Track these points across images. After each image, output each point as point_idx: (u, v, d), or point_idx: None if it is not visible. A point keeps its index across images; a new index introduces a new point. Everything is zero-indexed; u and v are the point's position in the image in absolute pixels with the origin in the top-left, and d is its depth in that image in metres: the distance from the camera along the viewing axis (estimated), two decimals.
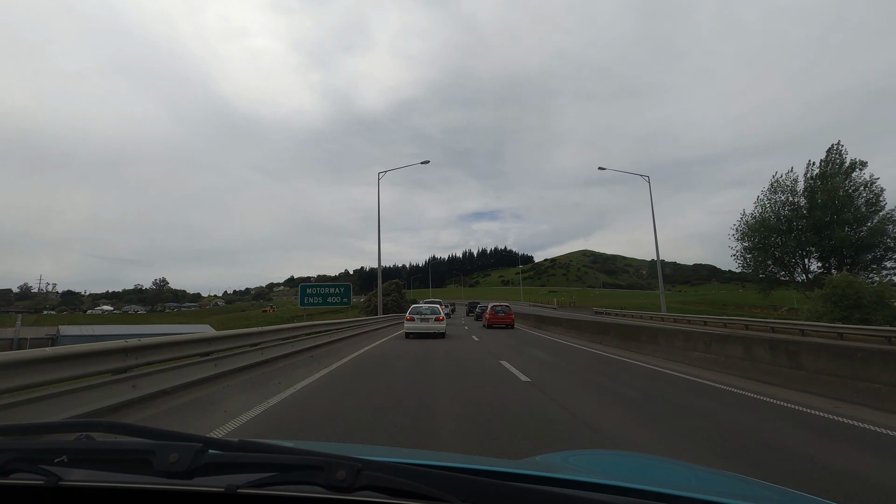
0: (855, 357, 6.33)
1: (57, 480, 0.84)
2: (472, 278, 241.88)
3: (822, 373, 6.76)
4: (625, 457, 2.23)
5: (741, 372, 8.26)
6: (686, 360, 10.00)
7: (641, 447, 4.12)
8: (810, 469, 3.57)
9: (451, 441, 4.21)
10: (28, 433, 0.99)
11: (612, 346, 13.87)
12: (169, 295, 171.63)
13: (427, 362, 9.98)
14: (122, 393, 5.16)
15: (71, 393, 4.50)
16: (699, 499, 0.98)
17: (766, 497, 1.31)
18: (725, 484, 1.49)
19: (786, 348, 7.63)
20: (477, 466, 1.14)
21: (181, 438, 0.86)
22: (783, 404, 6.00)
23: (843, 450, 4.15)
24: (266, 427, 4.73)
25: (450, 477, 0.78)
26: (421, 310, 18.54)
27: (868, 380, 6.04)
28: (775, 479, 3.22)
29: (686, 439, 4.40)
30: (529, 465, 1.32)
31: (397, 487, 0.77)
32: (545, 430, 4.59)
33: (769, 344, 8.08)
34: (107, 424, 0.91)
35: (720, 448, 4.08)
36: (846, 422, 5.12)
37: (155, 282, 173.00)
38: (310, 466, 0.80)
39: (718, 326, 26.34)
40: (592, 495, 0.87)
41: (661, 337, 11.74)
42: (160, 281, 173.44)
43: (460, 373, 8.46)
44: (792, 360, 7.38)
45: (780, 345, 7.84)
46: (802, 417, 5.36)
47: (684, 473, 1.63)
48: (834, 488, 3.20)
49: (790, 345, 7.72)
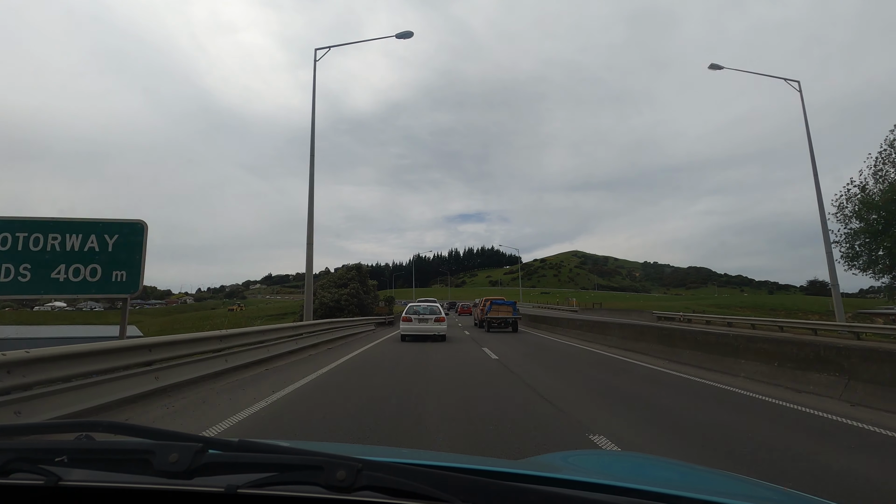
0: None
1: (57, 480, 0.83)
2: (459, 278, 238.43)
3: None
4: (624, 457, 2.23)
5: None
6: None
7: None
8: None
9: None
10: (28, 433, 0.99)
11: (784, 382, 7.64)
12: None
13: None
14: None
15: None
16: (699, 499, 0.98)
17: (766, 497, 1.31)
18: (725, 484, 1.49)
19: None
20: (477, 466, 1.14)
21: (181, 438, 0.86)
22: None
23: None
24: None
25: (450, 477, 0.78)
26: (419, 309, 16.87)
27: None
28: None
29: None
30: (529, 465, 1.32)
31: (397, 487, 0.77)
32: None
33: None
34: (107, 424, 0.91)
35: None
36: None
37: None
38: (310, 466, 0.80)
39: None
40: (592, 495, 0.87)
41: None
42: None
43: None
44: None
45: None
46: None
47: (684, 473, 1.63)
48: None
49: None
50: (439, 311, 16.72)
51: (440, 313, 16.57)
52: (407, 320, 16.41)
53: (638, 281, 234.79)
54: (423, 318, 16.34)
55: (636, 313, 42.21)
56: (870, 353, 6.68)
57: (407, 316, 16.53)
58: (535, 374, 8.91)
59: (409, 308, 17.27)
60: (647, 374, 9.21)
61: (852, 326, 21.95)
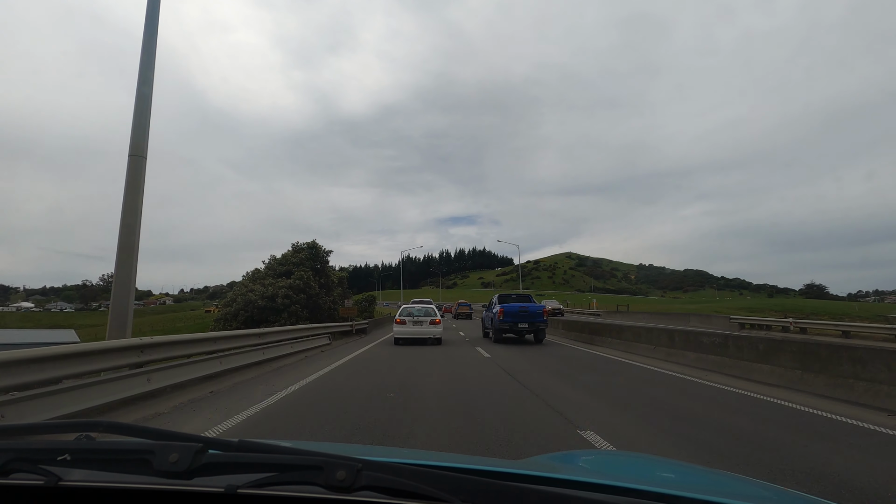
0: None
1: (57, 480, 0.83)
2: (450, 279, 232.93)
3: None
4: (624, 457, 2.22)
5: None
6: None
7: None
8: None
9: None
10: (28, 433, 0.99)
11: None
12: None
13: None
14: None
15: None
16: (699, 499, 0.98)
17: (766, 497, 1.31)
18: (725, 484, 1.49)
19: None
20: (477, 466, 1.14)
21: (181, 438, 0.86)
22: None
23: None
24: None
25: (450, 477, 0.78)
26: (413, 311, 16.13)
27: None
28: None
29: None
30: (529, 465, 1.32)
31: (397, 487, 0.77)
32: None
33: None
34: (106, 424, 0.91)
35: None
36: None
37: (102, 277, 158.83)
38: (310, 466, 0.80)
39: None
40: (592, 495, 0.87)
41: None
42: (108, 276, 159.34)
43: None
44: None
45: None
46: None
47: (684, 473, 1.63)
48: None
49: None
50: (435, 313, 16.03)
51: (435, 315, 15.91)
52: (401, 323, 15.75)
53: (634, 283, 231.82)
54: (417, 321, 15.67)
55: (677, 317, 33.69)
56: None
57: (401, 318, 15.86)
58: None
59: (403, 310, 16.50)
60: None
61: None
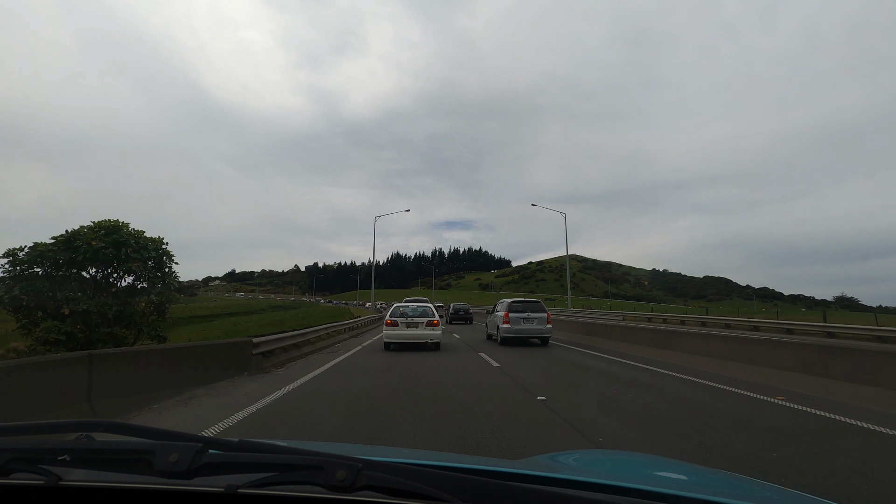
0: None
1: (57, 480, 0.83)
2: (443, 280, 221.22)
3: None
4: (625, 457, 2.22)
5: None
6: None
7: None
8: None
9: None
10: (28, 433, 0.99)
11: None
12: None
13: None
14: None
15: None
16: (699, 499, 0.98)
17: (766, 497, 1.31)
18: (725, 484, 1.49)
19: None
20: (477, 466, 1.14)
21: (181, 438, 0.86)
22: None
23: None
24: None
25: (450, 477, 0.78)
26: (406, 311, 14.05)
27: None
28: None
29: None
30: (529, 465, 1.32)
31: (397, 487, 0.77)
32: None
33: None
34: (107, 424, 0.91)
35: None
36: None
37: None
38: (310, 466, 0.80)
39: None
40: (592, 495, 0.87)
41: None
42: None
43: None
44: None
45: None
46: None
47: (684, 473, 1.63)
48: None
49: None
50: (432, 314, 14.15)
51: (433, 316, 14.00)
52: (392, 325, 13.70)
53: (647, 289, 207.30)
54: (411, 323, 13.69)
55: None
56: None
57: (392, 320, 13.80)
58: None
59: (395, 310, 14.37)
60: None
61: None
